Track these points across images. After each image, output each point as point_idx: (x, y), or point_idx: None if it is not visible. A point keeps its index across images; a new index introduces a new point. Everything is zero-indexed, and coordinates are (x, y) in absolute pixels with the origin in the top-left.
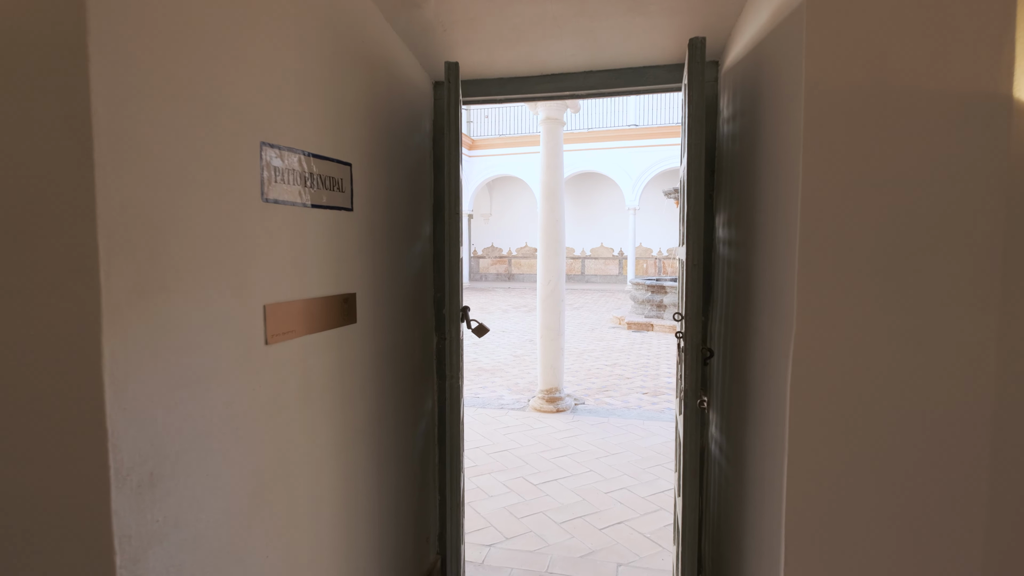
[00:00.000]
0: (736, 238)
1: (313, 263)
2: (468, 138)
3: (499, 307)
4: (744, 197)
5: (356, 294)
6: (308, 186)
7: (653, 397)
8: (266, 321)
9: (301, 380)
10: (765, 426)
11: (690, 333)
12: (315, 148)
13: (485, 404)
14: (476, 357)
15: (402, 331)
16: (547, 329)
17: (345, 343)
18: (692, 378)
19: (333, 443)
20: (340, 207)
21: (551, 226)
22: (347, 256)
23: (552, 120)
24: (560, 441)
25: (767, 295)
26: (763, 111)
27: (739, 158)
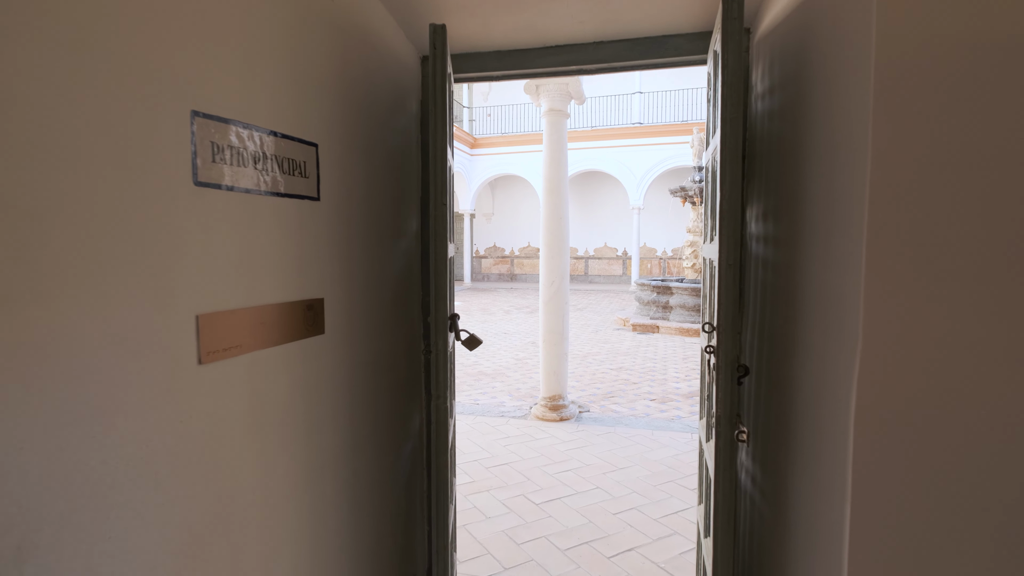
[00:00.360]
0: (774, 234)
1: (267, 263)
2: (470, 136)
3: (501, 308)
4: (785, 185)
5: (324, 299)
6: (260, 169)
7: (661, 404)
8: (199, 335)
9: (250, 406)
10: (818, 463)
11: (724, 348)
12: (269, 123)
13: (485, 412)
14: (477, 360)
15: (383, 341)
16: (550, 332)
17: (310, 358)
18: (727, 402)
19: (295, 479)
20: (303, 196)
21: (554, 224)
22: (312, 254)
23: (555, 112)
24: (564, 454)
25: (818, 302)
26: (810, 81)
27: (777, 140)
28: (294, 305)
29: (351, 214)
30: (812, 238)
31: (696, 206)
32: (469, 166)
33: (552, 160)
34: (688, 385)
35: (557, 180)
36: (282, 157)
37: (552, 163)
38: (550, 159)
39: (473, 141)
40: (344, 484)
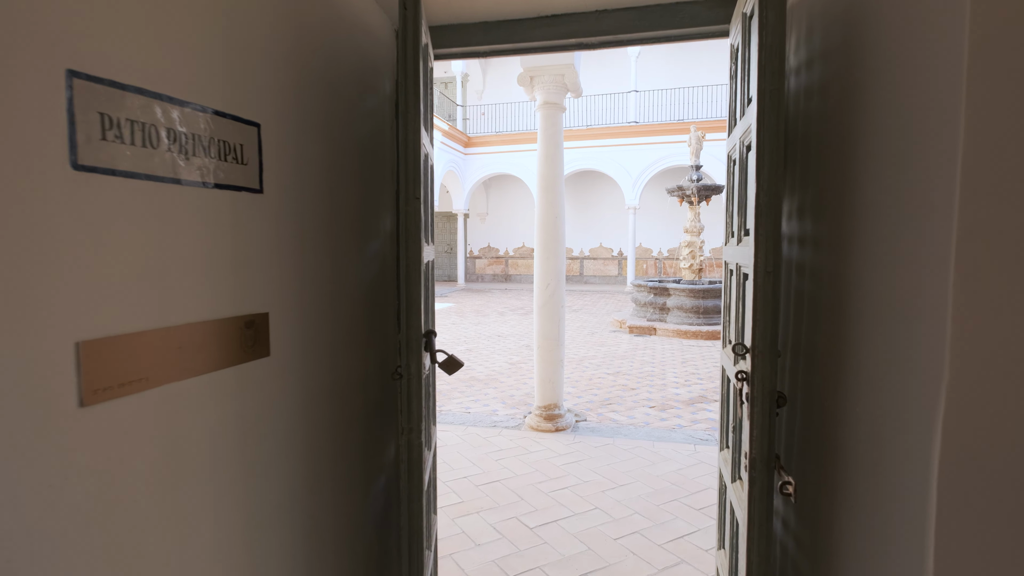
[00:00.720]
0: (812, 234)
1: (187, 271)
2: (464, 135)
3: (495, 309)
4: (827, 175)
5: (269, 314)
6: (177, 151)
7: (661, 412)
8: (81, 369)
9: (160, 455)
10: (879, 516)
11: (761, 375)
12: (191, 93)
13: (476, 421)
14: (470, 365)
15: (349, 360)
16: (545, 338)
17: (250, 387)
18: (763, 441)
19: (228, 539)
20: (240, 186)
21: (549, 223)
22: (252, 259)
23: (550, 105)
24: (560, 469)
25: (876, 318)
26: (863, 50)
27: (816, 121)
28: (227, 323)
29: (306, 210)
30: (867, 238)
31: (694, 206)
32: (463, 165)
33: (547, 156)
34: (688, 391)
35: (552, 177)
36: (210, 138)
37: (547, 159)
38: (545, 155)
39: (467, 140)
40: (299, 534)
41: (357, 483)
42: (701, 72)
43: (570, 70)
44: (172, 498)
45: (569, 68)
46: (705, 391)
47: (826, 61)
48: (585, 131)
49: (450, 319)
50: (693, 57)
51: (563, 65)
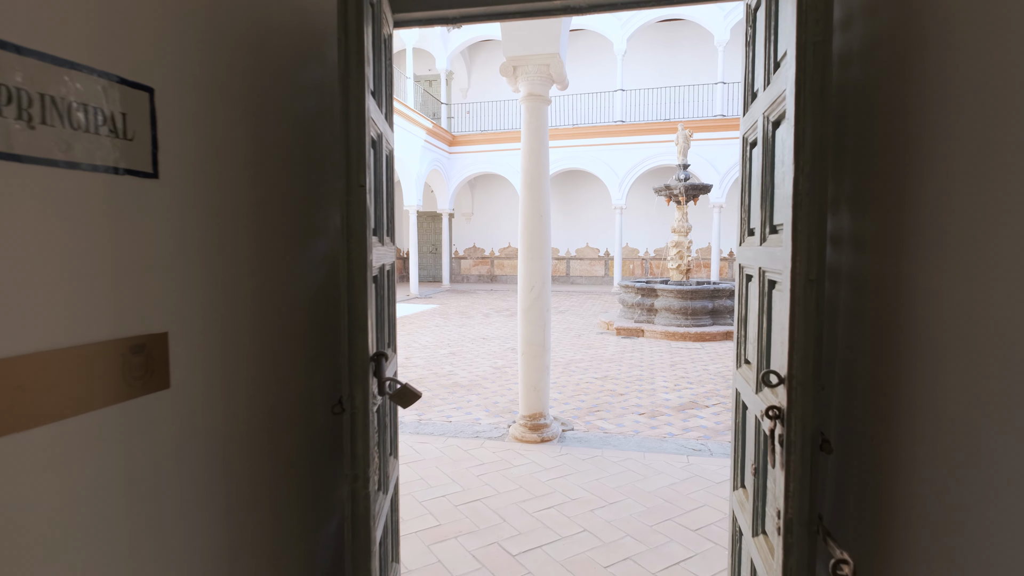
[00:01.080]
0: (853, 231)
1: (33, 282)
2: (448, 134)
3: (480, 311)
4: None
5: (168, 335)
6: (8, 115)
7: (651, 419)
8: None
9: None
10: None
11: (800, 412)
12: (29, 34)
13: (458, 431)
14: (452, 370)
15: (287, 387)
16: (529, 344)
17: (139, 430)
18: (803, 499)
19: None
20: (120, 168)
21: (534, 223)
22: (142, 265)
23: (535, 97)
24: (546, 485)
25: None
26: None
27: (860, 92)
28: (101, 349)
29: (224, 201)
30: (936, 238)
31: (681, 205)
32: (448, 164)
33: (531, 151)
34: (678, 396)
35: (537, 174)
36: (69, 101)
37: (531, 155)
38: (529, 150)
39: (452, 139)
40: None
41: (301, 531)
42: (687, 72)
43: (555, 60)
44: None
45: (554, 58)
46: (695, 396)
47: (872, 17)
48: (571, 130)
49: (434, 321)
50: (679, 56)
51: (548, 55)
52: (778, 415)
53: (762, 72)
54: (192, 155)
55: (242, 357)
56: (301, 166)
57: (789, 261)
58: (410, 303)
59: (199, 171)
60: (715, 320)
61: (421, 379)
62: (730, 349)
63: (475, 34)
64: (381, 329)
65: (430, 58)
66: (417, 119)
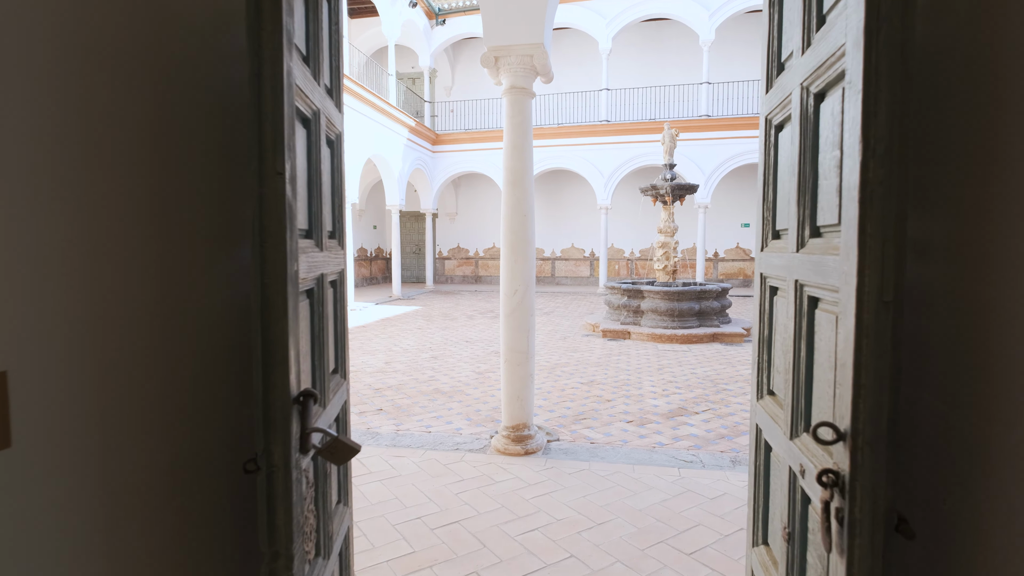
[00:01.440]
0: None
1: None
2: (432, 132)
3: (464, 312)
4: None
5: (7, 375)
6: None
7: (639, 427)
8: None
9: None
10: None
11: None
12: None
13: (437, 443)
14: (434, 376)
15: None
16: (513, 351)
17: None
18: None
19: None
20: None
21: (517, 222)
22: None
23: (518, 90)
24: (530, 503)
25: None
26: None
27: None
28: None
29: (104, 192)
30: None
31: (668, 206)
32: (431, 163)
33: (514, 148)
34: (666, 402)
35: (521, 171)
36: None
37: (515, 151)
38: (512, 146)
39: (435, 137)
40: None
41: None
42: (672, 72)
43: (539, 50)
44: None
45: (538, 48)
46: (684, 402)
47: None
48: (556, 129)
49: (416, 323)
50: (664, 56)
51: (531, 45)
52: (835, 482)
53: (798, 32)
54: (28, 120)
55: (127, 399)
56: (223, 151)
57: (853, 275)
58: (392, 305)
59: (51, 143)
60: (701, 322)
61: (401, 385)
62: (718, 352)
63: (459, 31)
64: (320, 357)
65: (413, 55)
66: (400, 117)
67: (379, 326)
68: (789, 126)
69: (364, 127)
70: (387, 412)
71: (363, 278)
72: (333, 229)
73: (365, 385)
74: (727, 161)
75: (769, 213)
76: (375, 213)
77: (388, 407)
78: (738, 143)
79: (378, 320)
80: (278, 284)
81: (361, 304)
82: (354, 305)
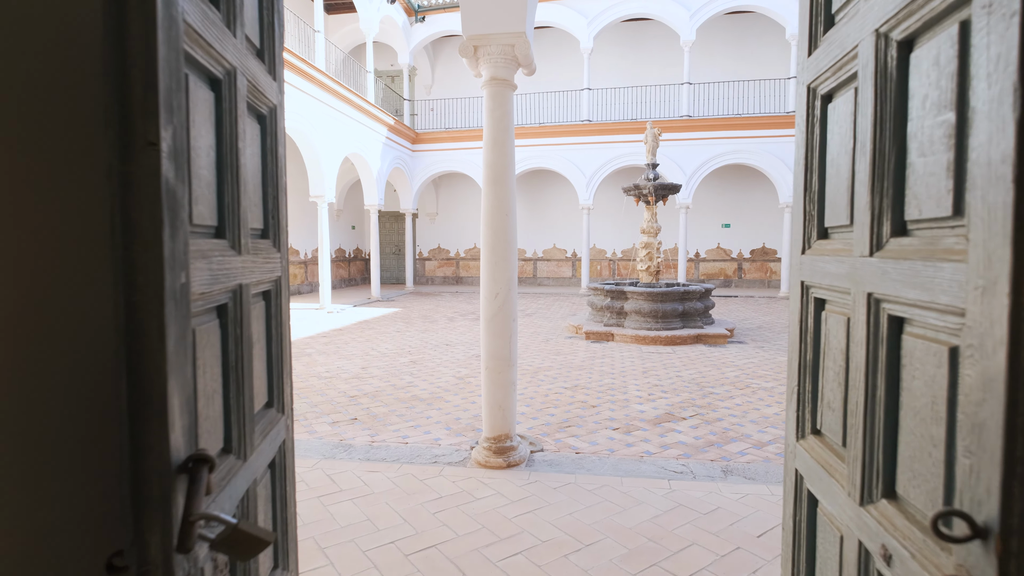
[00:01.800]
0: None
1: None
2: (411, 131)
3: (444, 314)
4: None
5: None
6: None
7: (625, 435)
8: None
9: None
10: None
11: None
12: None
13: (414, 456)
14: (412, 381)
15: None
16: (494, 358)
17: None
18: None
19: None
20: None
21: (498, 221)
22: None
23: (499, 81)
24: (512, 524)
25: None
26: None
27: None
28: None
29: None
30: None
31: (651, 206)
32: (411, 163)
33: (495, 143)
34: (653, 407)
35: (501, 168)
36: None
37: (495, 146)
38: (493, 141)
39: (415, 136)
40: None
41: None
42: (654, 72)
43: (521, 39)
44: None
45: (520, 37)
46: (671, 407)
47: None
48: (538, 129)
49: (395, 326)
50: (646, 56)
51: (513, 33)
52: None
53: None
54: None
55: None
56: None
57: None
58: (371, 307)
59: None
60: (685, 323)
61: (378, 392)
62: (702, 354)
63: (439, 29)
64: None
65: (392, 53)
66: (378, 115)
67: (356, 329)
68: (846, 93)
69: (341, 125)
70: (362, 421)
71: (341, 279)
72: (265, 227)
73: (340, 392)
74: (708, 161)
75: (813, 206)
76: (353, 213)
77: (363, 416)
78: (719, 144)
79: (356, 323)
80: (152, 303)
81: (338, 306)
82: (331, 308)
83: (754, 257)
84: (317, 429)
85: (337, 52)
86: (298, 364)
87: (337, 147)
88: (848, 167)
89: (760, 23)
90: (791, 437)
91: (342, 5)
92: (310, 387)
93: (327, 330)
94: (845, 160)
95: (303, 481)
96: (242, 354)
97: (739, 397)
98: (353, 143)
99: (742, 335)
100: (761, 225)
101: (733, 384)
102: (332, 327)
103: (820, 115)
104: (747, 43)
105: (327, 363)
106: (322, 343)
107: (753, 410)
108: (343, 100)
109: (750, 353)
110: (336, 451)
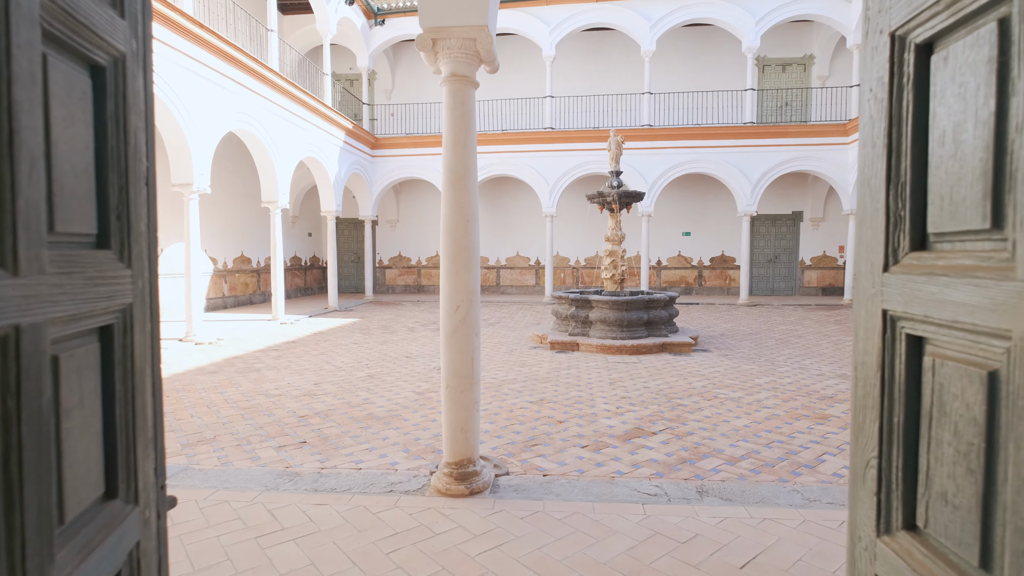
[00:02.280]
0: None
1: None
2: (371, 136)
3: (405, 324)
4: None
5: None
6: None
7: (595, 453)
8: None
9: None
10: None
11: None
12: None
13: (367, 484)
14: (369, 398)
15: None
16: (455, 376)
17: None
18: None
19: None
20: None
21: (459, 228)
22: None
23: (459, 78)
24: (476, 562)
25: None
26: None
27: None
28: None
29: None
30: None
31: (615, 213)
32: (370, 168)
33: (456, 143)
34: (621, 421)
35: (463, 170)
36: None
37: (456, 147)
38: (453, 142)
39: (374, 141)
40: None
41: None
42: (615, 81)
43: (483, 33)
44: None
45: (482, 31)
46: (640, 421)
47: None
48: (500, 135)
49: (353, 337)
50: (607, 66)
51: (474, 27)
52: None
53: None
54: None
55: None
56: None
57: None
58: (327, 317)
59: None
60: (650, 332)
61: (331, 411)
62: (667, 363)
63: (399, 32)
64: (35, 491)
65: (351, 56)
66: (336, 119)
67: (311, 341)
68: (973, 34)
69: (296, 128)
70: (312, 445)
71: (297, 288)
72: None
73: (289, 412)
74: (669, 170)
75: (901, 204)
76: (310, 220)
77: (313, 439)
78: (680, 153)
79: (310, 334)
80: None
81: (293, 317)
82: (284, 319)
83: (714, 265)
84: (261, 455)
85: (293, 53)
86: (245, 381)
87: (291, 151)
88: (985, 143)
89: (716, 36)
90: (865, 528)
91: (298, 5)
92: (256, 407)
93: (279, 343)
94: (978, 133)
95: (239, 519)
96: (41, 430)
97: (708, 409)
98: (309, 147)
99: (706, 343)
100: (720, 233)
101: (700, 395)
102: (285, 339)
103: (912, 74)
104: (705, 55)
105: (277, 379)
106: (273, 357)
107: (723, 422)
108: (298, 102)
109: (715, 361)
110: (280, 481)
